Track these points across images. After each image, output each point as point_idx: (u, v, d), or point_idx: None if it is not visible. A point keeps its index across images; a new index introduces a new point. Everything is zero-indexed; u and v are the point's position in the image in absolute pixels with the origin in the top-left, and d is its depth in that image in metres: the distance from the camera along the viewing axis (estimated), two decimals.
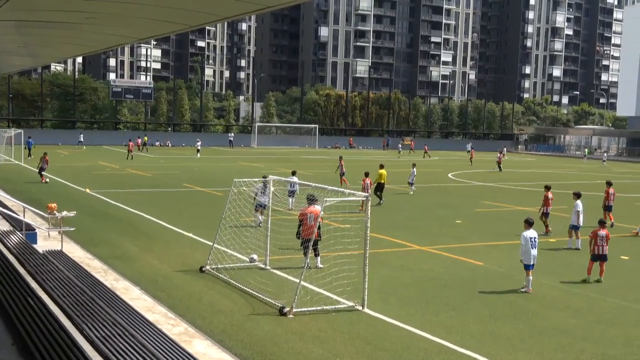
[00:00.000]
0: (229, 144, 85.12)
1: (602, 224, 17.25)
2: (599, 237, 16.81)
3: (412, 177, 36.48)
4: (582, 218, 21.95)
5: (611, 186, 27.38)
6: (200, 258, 17.44)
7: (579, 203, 22.13)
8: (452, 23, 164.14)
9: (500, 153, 61.72)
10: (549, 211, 24.28)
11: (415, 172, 36.68)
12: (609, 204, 26.95)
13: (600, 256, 16.83)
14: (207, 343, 11.26)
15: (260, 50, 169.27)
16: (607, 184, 27.72)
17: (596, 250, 16.79)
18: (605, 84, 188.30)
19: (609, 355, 11.47)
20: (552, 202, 24.65)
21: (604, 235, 16.85)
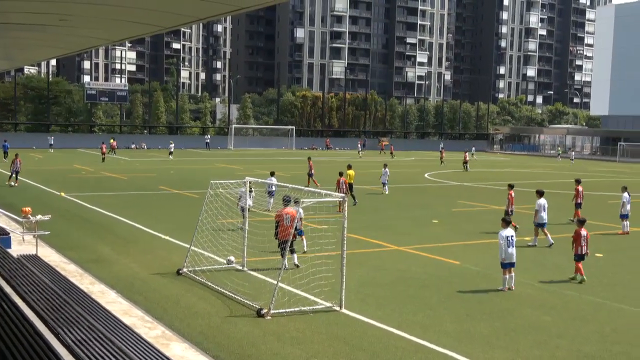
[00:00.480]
0: (206, 146, 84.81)
1: (582, 223, 17.31)
2: (582, 237, 16.85)
3: (386, 177, 36.56)
4: (546, 215, 22.14)
5: (580, 184, 27.81)
6: (177, 261, 17.37)
7: (540, 202, 22.40)
8: (427, 24, 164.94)
9: (466, 153, 61.72)
10: (512, 209, 24.58)
11: (387, 172, 36.74)
12: (578, 202, 27.33)
13: (583, 256, 16.89)
14: (184, 346, 11.23)
15: (236, 51, 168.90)
16: (576, 182, 28.18)
17: (579, 250, 16.80)
18: (578, 83, 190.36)
19: (583, 352, 11.61)
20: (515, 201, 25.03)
21: (586, 235, 16.94)
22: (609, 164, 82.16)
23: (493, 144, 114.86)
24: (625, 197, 25.35)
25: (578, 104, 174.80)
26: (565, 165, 74.04)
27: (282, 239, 16.35)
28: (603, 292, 15.87)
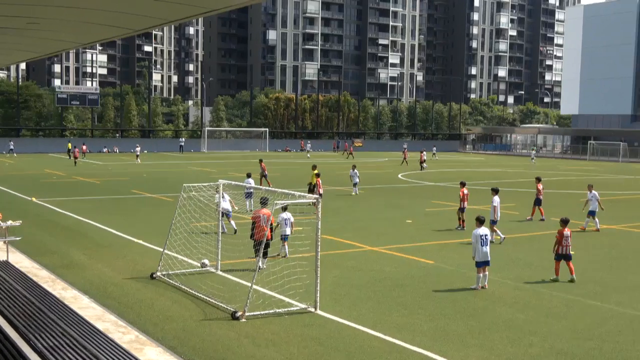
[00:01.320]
0: (179, 149, 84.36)
1: (566, 223, 17.33)
2: (565, 237, 16.91)
3: (356, 178, 36.52)
4: (499, 213, 22.53)
5: (540, 182, 28.52)
6: (151, 265, 17.26)
7: (496, 198, 22.85)
8: (399, 25, 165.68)
9: (422, 152, 61.85)
10: (465, 206, 24.83)
11: (357, 173, 36.64)
12: (539, 197, 27.97)
13: (566, 256, 16.88)
14: (158, 350, 11.15)
15: (209, 54, 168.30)
16: (536, 180, 28.71)
17: (561, 250, 16.79)
18: (549, 83, 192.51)
19: (556, 349, 11.72)
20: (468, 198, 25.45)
21: (569, 235, 16.99)
22: (579, 162, 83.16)
23: (465, 144, 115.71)
24: (590, 195, 25.71)
25: (549, 104, 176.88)
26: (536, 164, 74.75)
27: (257, 240, 16.34)
28: (575, 289, 16.04)
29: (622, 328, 13.00)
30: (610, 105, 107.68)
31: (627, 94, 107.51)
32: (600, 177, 56.26)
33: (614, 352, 11.60)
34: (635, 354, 11.48)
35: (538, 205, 28.15)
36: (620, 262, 19.59)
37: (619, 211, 32.03)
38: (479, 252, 15.75)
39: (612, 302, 14.94)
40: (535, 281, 16.81)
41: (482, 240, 15.81)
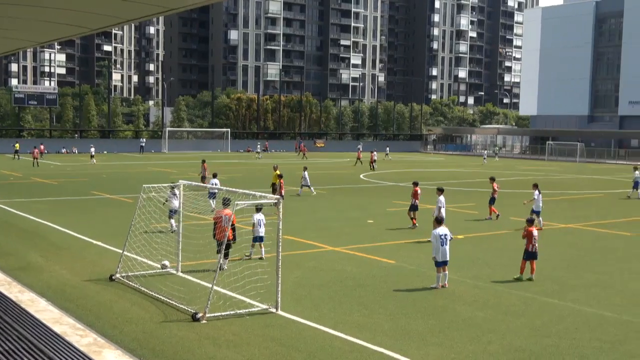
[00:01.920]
0: (140, 150, 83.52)
1: (532, 222, 17.51)
2: (533, 236, 17.06)
3: (307, 180, 36.26)
4: (444, 211, 22.77)
5: (494, 181, 29.06)
6: (110, 266, 17.06)
7: (441, 198, 23.27)
8: (360, 26, 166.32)
9: (373, 152, 62.10)
10: (417, 204, 25.08)
11: (306, 175, 36.40)
12: (493, 197, 28.55)
13: (533, 254, 17.05)
14: (117, 353, 11.02)
15: (169, 54, 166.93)
16: (490, 179, 29.18)
17: (530, 248, 16.96)
18: (508, 84, 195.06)
19: (515, 346, 11.88)
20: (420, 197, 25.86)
21: (536, 235, 17.16)
22: (538, 162, 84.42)
23: (427, 145, 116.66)
24: (536, 194, 26.11)
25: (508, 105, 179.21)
26: (498, 164, 75.67)
27: (219, 240, 16.27)
28: (533, 287, 16.27)
29: (578, 325, 13.23)
30: (568, 106, 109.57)
31: (584, 95, 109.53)
32: (558, 177, 57.19)
33: (570, 348, 11.80)
34: (591, 351, 11.69)
35: (491, 204, 28.52)
36: (577, 261, 19.93)
37: (576, 210, 32.59)
38: (439, 252, 15.86)
39: (569, 299, 15.19)
40: (494, 280, 17.01)
41: (442, 240, 15.94)
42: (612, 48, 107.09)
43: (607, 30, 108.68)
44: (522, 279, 16.93)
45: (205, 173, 37.21)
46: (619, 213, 31.87)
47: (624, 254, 21.25)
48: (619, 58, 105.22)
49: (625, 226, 27.31)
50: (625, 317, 13.88)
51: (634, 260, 20.35)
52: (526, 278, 16.95)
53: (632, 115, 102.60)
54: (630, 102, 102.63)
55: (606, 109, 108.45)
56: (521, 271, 17.06)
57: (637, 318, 13.81)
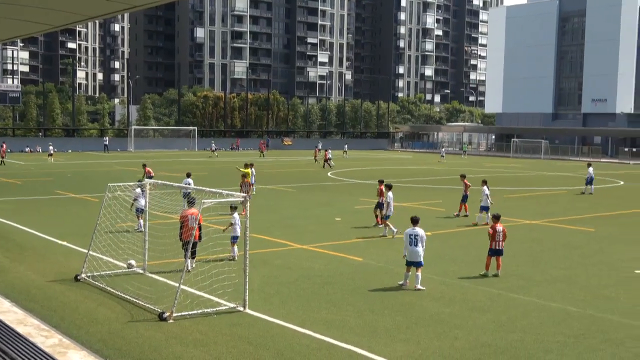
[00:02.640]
0: (104, 149, 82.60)
1: (498, 219, 17.60)
2: (498, 232, 17.14)
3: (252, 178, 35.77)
4: (392, 208, 23.12)
5: (465, 178, 29.29)
6: (75, 266, 16.85)
7: (390, 194, 23.40)
8: (327, 24, 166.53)
9: (327, 151, 62.29)
10: (383, 202, 25.07)
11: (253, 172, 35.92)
12: (465, 194, 28.68)
13: (498, 251, 17.17)
14: (83, 354, 10.89)
15: (135, 51, 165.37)
16: (461, 177, 29.43)
17: (494, 245, 17.05)
18: (473, 82, 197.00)
19: (481, 341, 12.00)
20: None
21: (501, 231, 17.28)
22: (503, 159, 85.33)
23: (394, 142, 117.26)
24: (485, 190, 26.37)
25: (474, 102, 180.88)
26: (463, 161, 76.33)
27: (185, 239, 16.16)
28: (499, 283, 16.44)
29: (543, 320, 13.41)
30: (533, 104, 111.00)
31: (548, 93, 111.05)
32: (523, 173, 57.89)
33: (535, 343, 11.96)
34: (556, 345, 11.86)
35: (464, 201, 28.73)
36: (541, 256, 20.19)
37: (540, 207, 33.01)
38: (410, 252, 15.87)
39: (534, 295, 15.39)
40: (460, 276, 17.16)
41: (412, 239, 15.93)
42: (575, 47, 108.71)
43: (570, 29, 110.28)
44: (488, 275, 17.09)
45: (151, 175, 35.95)
46: (582, 209, 32.37)
47: (587, 250, 21.59)
48: (581, 57, 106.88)
49: (588, 222, 27.74)
50: (589, 311, 14.10)
51: (597, 255, 20.69)
52: (492, 274, 17.11)
53: (595, 113, 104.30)
54: (593, 99, 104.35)
55: (570, 106, 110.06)
56: (487, 267, 17.20)
57: (600, 312, 14.04)
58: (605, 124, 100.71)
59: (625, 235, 24.65)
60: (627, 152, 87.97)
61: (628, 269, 18.49)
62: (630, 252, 21.29)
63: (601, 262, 19.52)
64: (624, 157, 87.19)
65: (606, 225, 26.95)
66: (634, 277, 17.66)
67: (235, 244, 18.19)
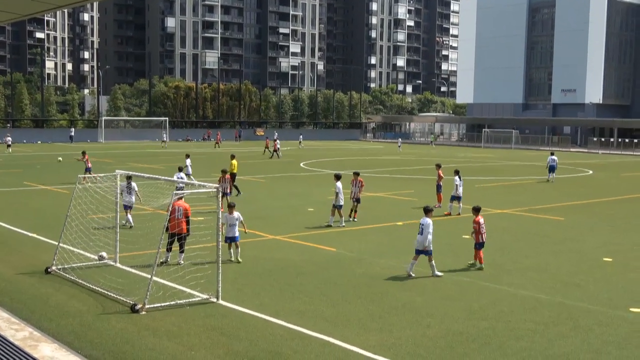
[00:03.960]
0: (69, 140, 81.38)
1: (478, 211, 17.48)
2: (481, 224, 17.18)
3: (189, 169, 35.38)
4: (341, 197, 22.99)
5: (440, 168, 29.27)
6: (46, 259, 16.68)
7: (339, 184, 23.22)
8: (299, 14, 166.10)
9: (276, 141, 61.90)
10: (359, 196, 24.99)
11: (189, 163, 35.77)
12: (439, 184, 28.74)
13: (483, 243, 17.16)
14: (54, 346, 10.80)
15: (105, 41, 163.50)
16: (437, 166, 29.51)
17: (480, 238, 17.07)
18: (445, 73, 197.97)
19: (452, 330, 12.11)
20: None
21: (482, 223, 17.32)
22: (475, 149, 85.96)
23: (366, 133, 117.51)
24: (456, 180, 26.49)
25: (445, 93, 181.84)
26: (433, 151, 76.73)
27: (171, 232, 15.99)
28: (470, 272, 16.60)
29: (514, 308, 13.57)
30: (503, 94, 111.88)
31: (519, 83, 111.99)
32: (494, 163, 58.38)
33: (506, 330, 12.10)
34: (526, 332, 12.01)
35: (439, 191, 28.74)
36: (512, 245, 20.40)
37: (511, 196, 33.33)
38: (416, 240, 16.08)
39: (505, 283, 15.55)
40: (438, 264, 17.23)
41: (419, 229, 16.11)
42: (545, 37, 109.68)
43: (540, 20, 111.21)
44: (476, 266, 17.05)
45: (88, 165, 35.54)
46: (552, 198, 32.73)
47: (557, 238, 21.86)
48: (551, 47, 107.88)
49: (558, 211, 28.08)
50: (559, 299, 14.30)
51: (567, 244, 20.96)
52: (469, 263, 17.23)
53: (565, 103, 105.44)
54: (562, 90, 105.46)
55: (540, 97, 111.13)
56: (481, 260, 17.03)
57: (570, 300, 14.24)
58: (574, 114, 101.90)
59: (594, 224, 25.01)
60: (596, 142, 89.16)
61: (596, 257, 18.77)
62: (599, 240, 21.61)
63: (570, 250, 19.79)
64: (592, 146, 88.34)
65: (575, 214, 27.31)
66: (603, 264, 17.93)
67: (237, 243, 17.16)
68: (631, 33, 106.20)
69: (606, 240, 21.55)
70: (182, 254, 16.46)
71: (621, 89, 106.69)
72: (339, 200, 23.14)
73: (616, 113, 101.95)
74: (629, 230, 23.79)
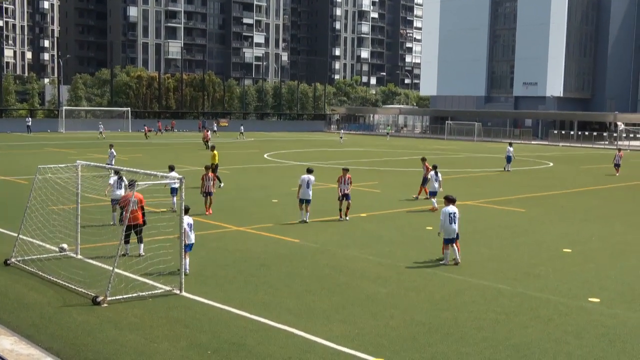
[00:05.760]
0: (27, 130, 79.91)
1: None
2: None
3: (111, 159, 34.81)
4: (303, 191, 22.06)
5: (426, 161, 29.50)
6: (5, 250, 16.39)
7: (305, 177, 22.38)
8: (263, 5, 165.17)
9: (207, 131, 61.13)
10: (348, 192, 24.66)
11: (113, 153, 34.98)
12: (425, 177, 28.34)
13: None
14: (13, 339, 10.64)
15: (65, 30, 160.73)
16: (422, 160, 29.71)
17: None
18: (409, 65, 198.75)
19: (416, 320, 12.20)
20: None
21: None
22: (438, 141, 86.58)
23: (330, 124, 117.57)
24: (432, 175, 26.42)
25: (409, 85, 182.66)
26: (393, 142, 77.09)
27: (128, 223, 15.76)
28: (433, 263, 16.73)
29: (475, 298, 13.73)
30: (466, 86, 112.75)
31: (481, 76, 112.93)
32: (456, 155, 58.89)
33: (468, 320, 12.23)
34: (488, 322, 12.15)
35: (424, 184, 28.39)
36: (474, 237, 20.59)
37: (473, 188, 33.66)
38: (447, 230, 16.31)
39: (467, 274, 15.71)
40: (396, 257, 17.37)
41: (451, 218, 16.38)
42: (507, 30, 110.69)
43: (503, 13, 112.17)
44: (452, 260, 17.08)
45: None
46: (513, 190, 33.14)
47: (518, 230, 22.16)
48: (513, 40, 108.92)
49: (519, 203, 28.45)
50: (520, 289, 14.50)
51: (528, 235, 21.25)
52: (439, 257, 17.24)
53: (526, 96, 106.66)
54: (524, 83, 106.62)
55: (502, 89, 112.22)
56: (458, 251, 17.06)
57: (530, 290, 14.45)
58: (535, 107, 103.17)
59: (554, 216, 25.39)
60: (557, 134, 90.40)
61: (556, 248, 19.07)
62: (559, 231, 21.95)
63: (531, 242, 20.07)
64: (553, 139, 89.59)
65: (536, 206, 27.69)
66: (562, 255, 18.21)
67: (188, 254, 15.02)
68: (591, 27, 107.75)
69: (566, 232, 21.90)
70: (142, 244, 16.30)
71: (581, 82, 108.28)
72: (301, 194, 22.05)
73: (577, 106, 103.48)
74: (588, 222, 24.21)
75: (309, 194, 22.04)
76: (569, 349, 10.95)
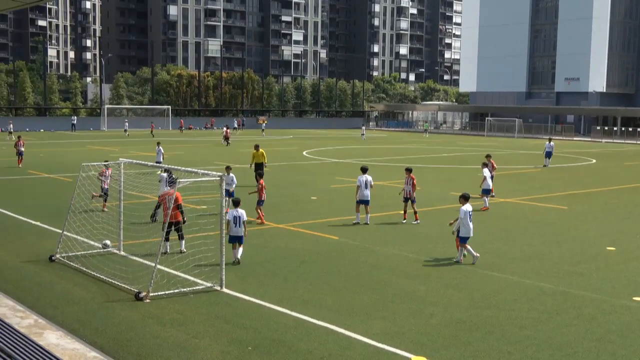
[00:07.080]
0: (71, 128, 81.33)
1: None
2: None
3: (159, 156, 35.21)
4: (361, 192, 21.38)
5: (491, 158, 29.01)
6: (50, 247, 16.72)
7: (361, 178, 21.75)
8: (301, 2, 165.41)
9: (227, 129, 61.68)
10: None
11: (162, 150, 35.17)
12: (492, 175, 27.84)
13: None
14: (59, 334, 10.85)
15: (107, 29, 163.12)
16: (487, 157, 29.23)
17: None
18: (448, 61, 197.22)
19: (456, 318, 12.13)
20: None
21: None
22: (477, 138, 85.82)
23: (369, 121, 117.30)
24: (486, 172, 26.05)
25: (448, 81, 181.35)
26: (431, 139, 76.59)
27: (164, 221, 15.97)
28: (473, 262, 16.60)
29: (517, 297, 13.59)
30: (506, 82, 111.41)
31: (522, 71, 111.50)
32: (497, 152, 58.29)
33: (509, 319, 12.11)
34: (529, 321, 12.02)
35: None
36: (515, 234, 20.40)
37: (514, 185, 33.31)
38: (467, 228, 16.21)
39: (508, 272, 15.56)
40: (436, 254, 17.28)
41: (470, 216, 16.31)
42: (549, 25, 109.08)
43: (544, 8, 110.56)
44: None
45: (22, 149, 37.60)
46: (555, 187, 32.71)
47: (560, 227, 21.86)
48: (555, 35, 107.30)
49: (561, 200, 28.06)
50: (562, 287, 14.31)
51: (570, 232, 20.96)
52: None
53: (568, 92, 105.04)
54: (566, 78, 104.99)
55: (543, 85, 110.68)
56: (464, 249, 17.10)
57: (572, 289, 14.26)
58: (577, 102, 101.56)
59: (597, 213, 25.00)
60: (599, 130, 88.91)
61: (600, 246, 18.77)
62: (602, 229, 21.61)
63: (574, 239, 19.79)
64: (596, 135, 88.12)
65: (578, 203, 27.29)
66: (606, 253, 17.93)
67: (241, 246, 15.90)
68: (635, 21, 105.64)
69: (609, 230, 21.54)
70: (183, 241, 16.46)
71: (625, 77, 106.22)
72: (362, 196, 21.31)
73: (620, 102, 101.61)
74: (631, 220, 23.78)
75: (368, 195, 21.28)
76: (613, 349, 10.78)
